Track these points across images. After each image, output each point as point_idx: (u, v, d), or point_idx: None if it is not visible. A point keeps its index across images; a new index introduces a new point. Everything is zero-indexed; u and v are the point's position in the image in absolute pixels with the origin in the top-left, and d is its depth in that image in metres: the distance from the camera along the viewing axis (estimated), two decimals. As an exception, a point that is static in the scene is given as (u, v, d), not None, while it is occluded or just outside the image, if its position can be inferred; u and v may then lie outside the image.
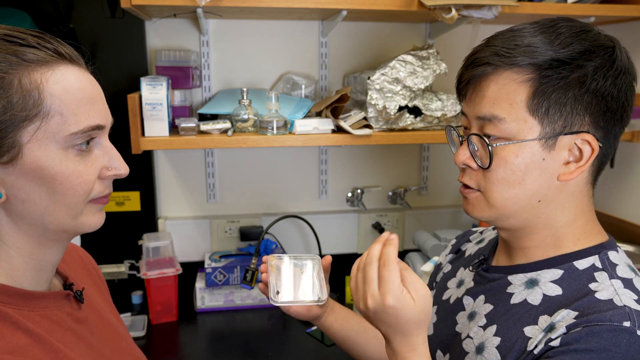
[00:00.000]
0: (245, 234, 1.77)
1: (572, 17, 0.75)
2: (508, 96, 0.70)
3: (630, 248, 1.58)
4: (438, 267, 1.04)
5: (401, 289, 0.68)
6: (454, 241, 1.04)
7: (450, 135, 0.83)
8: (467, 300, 0.84)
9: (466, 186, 0.77)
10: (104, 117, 0.68)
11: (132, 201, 1.71)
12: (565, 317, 0.67)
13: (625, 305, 0.65)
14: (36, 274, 0.68)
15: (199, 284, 1.69)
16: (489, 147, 0.71)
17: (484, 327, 0.77)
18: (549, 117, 0.69)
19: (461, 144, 0.77)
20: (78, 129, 0.63)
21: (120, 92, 1.58)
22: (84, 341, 0.72)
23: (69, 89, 0.62)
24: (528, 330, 0.71)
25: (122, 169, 0.69)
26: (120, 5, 1.28)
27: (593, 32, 0.71)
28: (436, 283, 1.01)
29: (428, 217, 1.93)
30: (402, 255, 1.85)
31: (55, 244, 0.69)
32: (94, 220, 0.70)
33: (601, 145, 0.71)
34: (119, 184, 1.68)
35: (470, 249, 0.97)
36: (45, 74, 0.61)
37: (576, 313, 0.67)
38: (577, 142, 0.70)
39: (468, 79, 0.74)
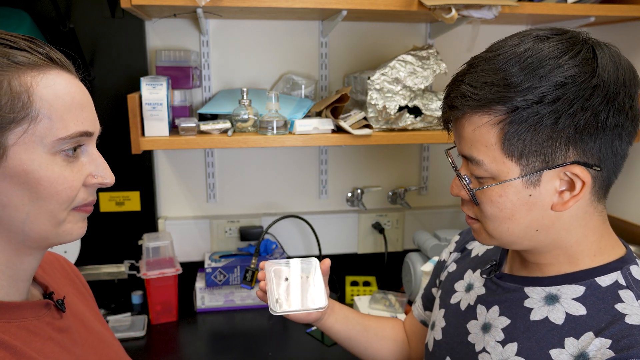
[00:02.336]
0: (245, 234, 1.77)
1: (564, 28, 0.70)
2: (482, 138, 0.67)
3: (631, 248, 1.58)
4: (442, 265, 1.01)
5: None
6: (457, 238, 1.01)
7: (447, 159, 0.82)
8: (480, 310, 0.81)
9: (469, 216, 0.77)
10: (93, 124, 0.67)
11: (132, 201, 1.71)
12: (599, 347, 0.65)
13: None
14: (13, 283, 0.66)
15: (199, 284, 1.69)
16: (470, 192, 0.71)
17: (503, 343, 0.75)
18: (526, 157, 0.66)
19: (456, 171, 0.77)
20: (66, 134, 0.62)
21: (120, 92, 1.58)
22: (66, 350, 0.69)
23: (59, 94, 0.62)
24: (555, 355, 0.68)
25: (107, 177, 0.68)
26: (120, 5, 1.28)
27: (571, 54, 0.64)
28: (440, 282, 0.99)
29: (428, 217, 1.93)
30: (402, 255, 1.85)
31: (33, 252, 0.67)
32: (76, 229, 0.67)
33: (598, 168, 0.66)
34: (119, 184, 1.68)
35: (477, 248, 0.94)
36: (36, 77, 0.60)
37: (609, 341, 0.64)
38: (566, 173, 0.66)
39: (446, 119, 0.73)
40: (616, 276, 0.70)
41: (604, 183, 0.70)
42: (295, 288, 0.92)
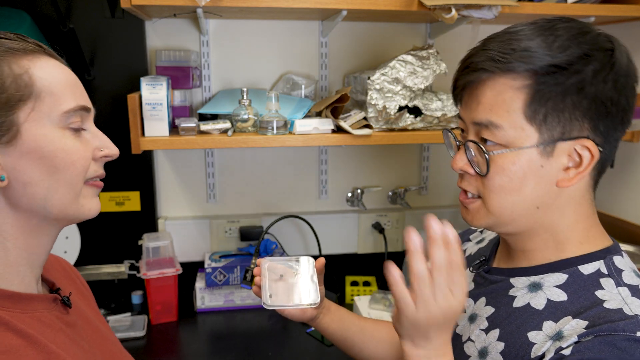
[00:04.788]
0: (245, 234, 1.77)
1: (572, 17, 0.73)
2: (504, 103, 0.68)
3: (630, 248, 1.58)
4: None
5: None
6: None
7: (447, 138, 0.81)
8: (468, 302, 0.83)
9: (465, 193, 0.77)
10: (88, 101, 0.72)
11: (132, 201, 1.71)
12: (575, 326, 0.66)
13: (636, 315, 0.64)
14: (28, 269, 0.69)
15: (199, 284, 1.69)
16: (486, 155, 0.70)
17: (486, 331, 0.76)
18: (547, 124, 0.68)
19: (458, 148, 0.76)
20: (69, 107, 0.67)
21: (120, 92, 1.58)
22: (75, 343, 0.71)
23: (55, 73, 0.67)
24: (532, 336, 0.70)
25: (113, 149, 0.73)
26: (120, 5, 1.28)
27: (592, 34, 0.69)
28: None
29: (428, 217, 1.93)
30: (402, 255, 1.85)
31: (51, 230, 0.70)
32: (93, 204, 0.71)
33: (601, 149, 0.69)
34: (119, 184, 1.69)
35: (470, 248, 0.96)
36: (32, 60, 0.66)
37: (586, 322, 0.66)
38: (576, 148, 0.69)
39: (463, 85, 0.73)
40: (598, 265, 0.72)
41: (600, 168, 0.72)
42: (289, 284, 0.94)
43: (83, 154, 0.68)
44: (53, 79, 0.66)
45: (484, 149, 0.70)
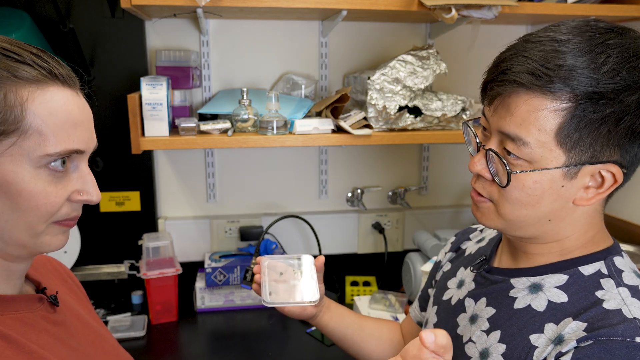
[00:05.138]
0: (245, 234, 1.77)
1: (627, 27, 0.67)
2: (537, 121, 0.65)
3: (630, 248, 1.58)
4: (437, 265, 1.03)
5: None
6: (453, 238, 1.03)
7: (467, 134, 0.78)
8: (469, 302, 0.83)
9: (478, 193, 0.75)
10: (86, 142, 0.67)
11: (132, 201, 1.71)
12: (574, 329, 0.66)
13: (635, 318, 0.64)
14: (4, 280, 0.68)
15: (199, 284, 1.69)
16: (508, 169, 0.68)
17: (487, 332, 0.76)
18: (577, 148, 0.65)
19: (478, 149, 0.74)
20: (54, 151, 0.62)
21: (120, 92, 1.58)
22: (62, 342, 0.70)
23: (54, 111, 0.62)
24: (534, 339, 0.70)
25: (94, 195, 0.68)
26: (120, 5, 1.28)
27: None
28: (436, 281, 1.00)
29: (428, 217, 1.93)
30: (402, 255, 1.85)
31: (16, 259, 0.68)
32: (55, 241, 0.67)
33: (625, 171, 0.68)
34: (119, 184, 1.69)
35: (470, 247, 0.96)
36: (33, 92, 0.61)
37: (585, 325, 0.66)
38: (601, 171, 0.67)
39: (496, 94, 0.69)
40: (599, 265, 0.72)
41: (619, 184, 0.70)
42: (289, 282, 0.94)
43: (52, 199, 0.63)
44: (48, 117, 0.61)
45: (506, 163, 0.68)
